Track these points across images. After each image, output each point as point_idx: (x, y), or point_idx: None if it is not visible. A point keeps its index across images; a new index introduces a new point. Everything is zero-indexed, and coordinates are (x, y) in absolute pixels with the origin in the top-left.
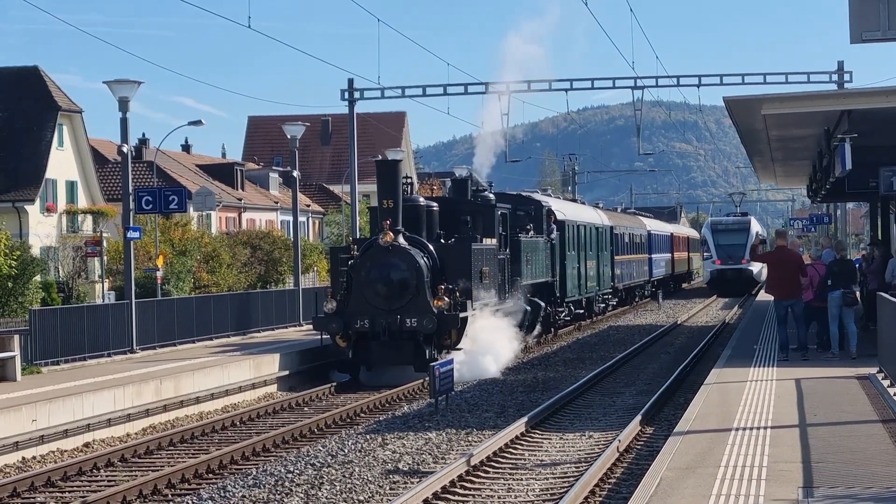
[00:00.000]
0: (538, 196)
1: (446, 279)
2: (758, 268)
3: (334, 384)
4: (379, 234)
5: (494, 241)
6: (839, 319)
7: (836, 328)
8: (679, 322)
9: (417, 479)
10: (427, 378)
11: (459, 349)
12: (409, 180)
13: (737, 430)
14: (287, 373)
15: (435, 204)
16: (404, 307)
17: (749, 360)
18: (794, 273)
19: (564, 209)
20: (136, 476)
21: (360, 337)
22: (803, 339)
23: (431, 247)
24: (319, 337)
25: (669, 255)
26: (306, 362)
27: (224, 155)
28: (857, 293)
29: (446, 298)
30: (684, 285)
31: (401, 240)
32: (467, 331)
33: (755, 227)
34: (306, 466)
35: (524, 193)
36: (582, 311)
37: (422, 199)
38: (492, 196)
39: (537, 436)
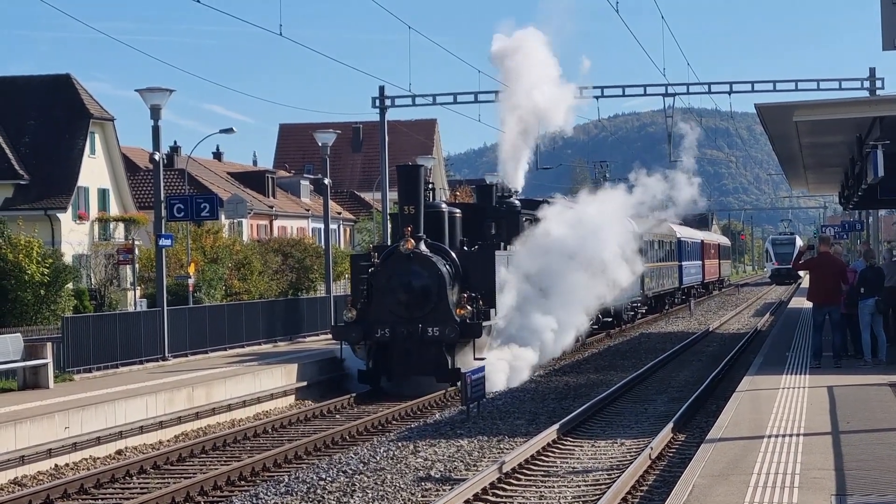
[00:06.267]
0: (565, 202)
1: (469, 287)
2: None
3: (353, 395)
4: (400, 241)
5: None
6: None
7: (868, 335)
8: (711, 329)
9: (449, 487)
10: (447, 388)
11: (482, 359)
12: (431, 186)
13: (769, 437)
14: (305, 383)
15: (458, 210)
16: (426, 316)
17: (781, 368)
18: (836, 280)
19: None
20: (169, 483)
21: (381, 346)
22: (839, 346)
23: (454, 254)
24: (339, 346)
25: (700, 262)
26: (326, 372)
27: (255, 162)
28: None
29: (469, 307)
30: (716, 289)
31: (422, 247)
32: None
33: (799, 241)
34: (338, 474)
35: (550, 200)
36: (610, 319)
37: (444, 205)
38: (517, 202)
39: (569, 443)
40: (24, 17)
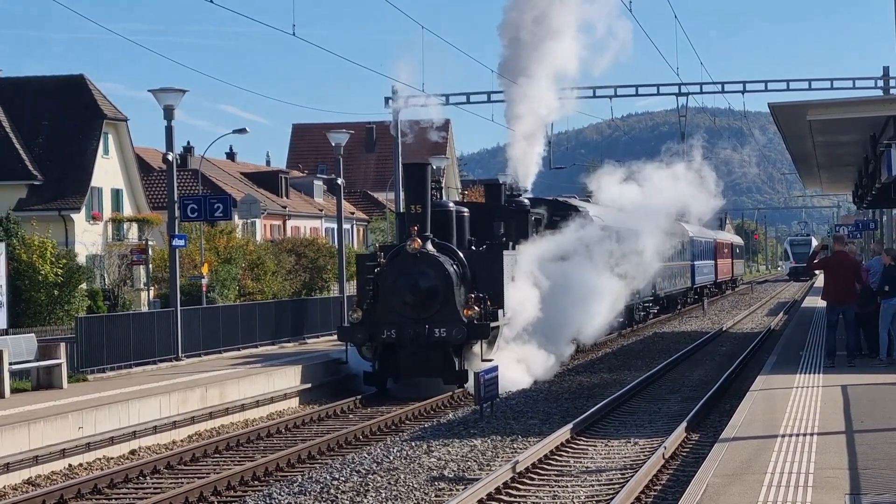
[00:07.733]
0: (575, 201)
1: (477, 287)
2: None
3: (359, 397)
4: (406, 241)
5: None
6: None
7: (885, 334)
8: (724, 329)
9: (463, 487)
10: (454, 390)
11: (490, 360)
12: (438, 185)
13: (783, 436)
14: (309, 385)
15: (466, 209)
16: (433, 316)
17: (795, 367)
18: (850, 279)
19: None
20: (182, 483)
21: (387, 347)
22: (853, 345)
23: (461, 254)
24: (345, 347)
25: (713, 261)
26: (331, 374)
27: (268, 162)
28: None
29: (476, 307)
30: (729, 289)
31: (429, 246)
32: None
33: (814, 241)
34: (352, 473)
35: (560, 199)
36: (622, 320)
37: (452, 205)
38: (526, 201)
39: (582, 442)
40: (37, 18)
